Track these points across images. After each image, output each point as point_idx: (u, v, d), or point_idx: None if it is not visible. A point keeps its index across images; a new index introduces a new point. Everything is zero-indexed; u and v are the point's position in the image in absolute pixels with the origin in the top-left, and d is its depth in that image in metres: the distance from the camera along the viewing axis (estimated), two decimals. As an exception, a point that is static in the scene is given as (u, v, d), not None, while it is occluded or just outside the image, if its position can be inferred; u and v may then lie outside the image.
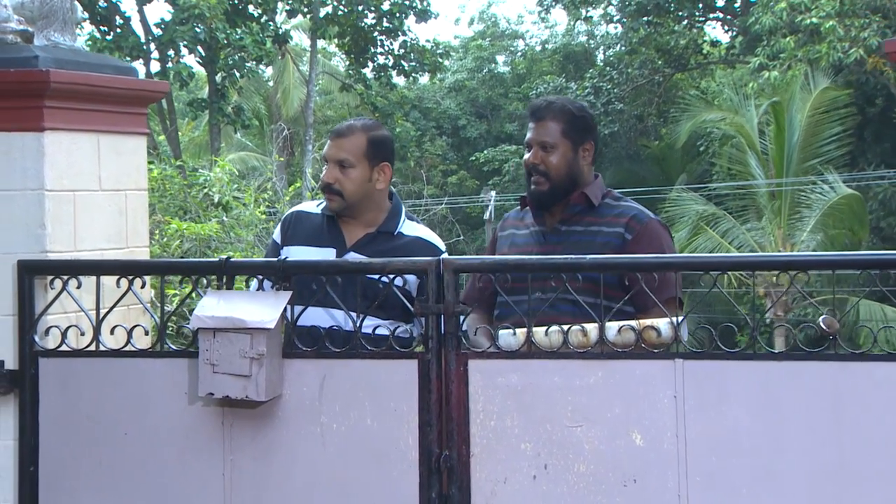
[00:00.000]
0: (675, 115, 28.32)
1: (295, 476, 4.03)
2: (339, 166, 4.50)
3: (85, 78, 4.38)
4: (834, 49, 21.49)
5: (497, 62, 36.76)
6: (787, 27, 22.74)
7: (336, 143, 4.53)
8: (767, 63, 23.16)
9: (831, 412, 3.68)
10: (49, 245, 4.26)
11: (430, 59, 29.33)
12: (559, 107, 4.50)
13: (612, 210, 4.44)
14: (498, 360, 3.89)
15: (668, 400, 3.75)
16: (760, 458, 3.71)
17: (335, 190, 4.50)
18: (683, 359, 3.76)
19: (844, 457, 3.67)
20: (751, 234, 21.93)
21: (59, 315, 4.27)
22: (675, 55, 29.54)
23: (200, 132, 31.29)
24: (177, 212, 12.55)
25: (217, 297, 4.07)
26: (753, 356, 3.78)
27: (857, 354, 3.73)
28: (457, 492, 3.88)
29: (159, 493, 4.14)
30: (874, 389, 3.65)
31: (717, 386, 3.74)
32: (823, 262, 4.10)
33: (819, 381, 3.69)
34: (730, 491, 3.72)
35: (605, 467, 3.78)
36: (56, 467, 4.23)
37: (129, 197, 4.61)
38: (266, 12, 26.18)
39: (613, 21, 32.56)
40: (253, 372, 3.94)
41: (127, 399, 4.17)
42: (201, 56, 25.95)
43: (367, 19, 28.55)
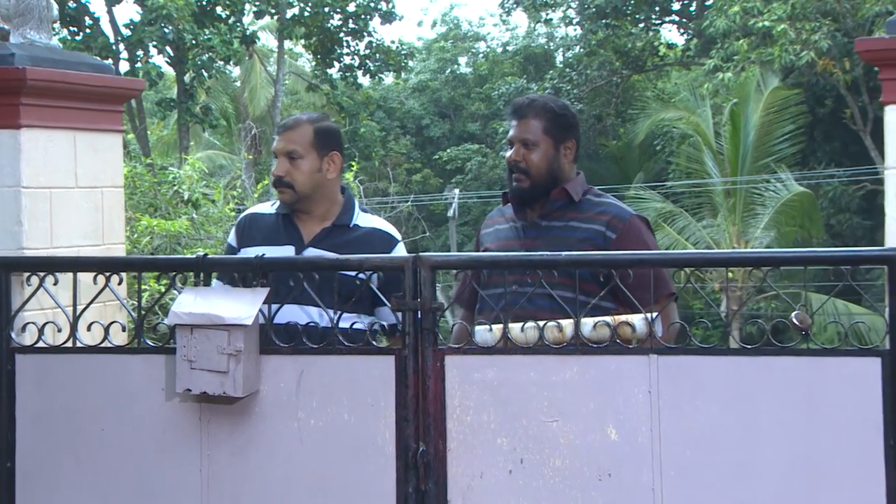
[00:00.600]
0: (632, 115, 28.44)
1: (272, 471, 3.97)
2: (288, 159, 4.39)
3: (61, 75, 4.33)
4: (786, 52, 21.60)
5: (459, 63, 36.75)
6: (740, 30, 22.84)
7: (284, 136, 4.43)
8: (721, 65, 23.26)
9: (803, 406, 3.65)
10: (26, 242, 4.21)
11: (394, 59, 29.31)
12: (541, 105, 4.44)
13: (594, 207, 4.37)
14: (474, 356, 3.84)
15: (642, 395, 3.72)
16: (733, 452, 3.68)
17: (286, 182, 4.38)
18: (658, 354, 3.73)
19: (816, 450, 3.64)
20: (706, 230, 22.02)
21: (35, 311, 4.21)
22: (632, 57, 29.63)
23: (169, 131, 31.11)
24: (147, 209, 12.46)
25: (194, 294, 4.01)
26: (727, 351, 3.76)
27: (828, 349, 3.71)
28: (433, 486, 3.83)
29: (137, 488, 4.07)
30: (845, 384, 3.63)
31: (690, 381, 3.70)
32: (796, 259, 4.06)
33: (791, 376, 3.66)
34: (703, 485, 3.69)
35: (580, 461, 3.74)
36: (33, 463, 4.16)
37: (106, 194, 4.56)
38: (234, 13, 26.04)
39: (572, 23, 32.63)
40: (230, 368, 3.88)
41: (104, 395, 4.10)
42: (170, 56, 25.82)
43: (333, 20, 28.50)
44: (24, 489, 4.15)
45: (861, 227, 24.43)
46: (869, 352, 3.67)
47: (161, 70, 26.16)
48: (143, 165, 13.98)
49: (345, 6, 28.25)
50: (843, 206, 24.34)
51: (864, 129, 23.67)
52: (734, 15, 22.47)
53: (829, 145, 25.90)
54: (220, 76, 29.46)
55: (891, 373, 3.61)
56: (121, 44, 25.45)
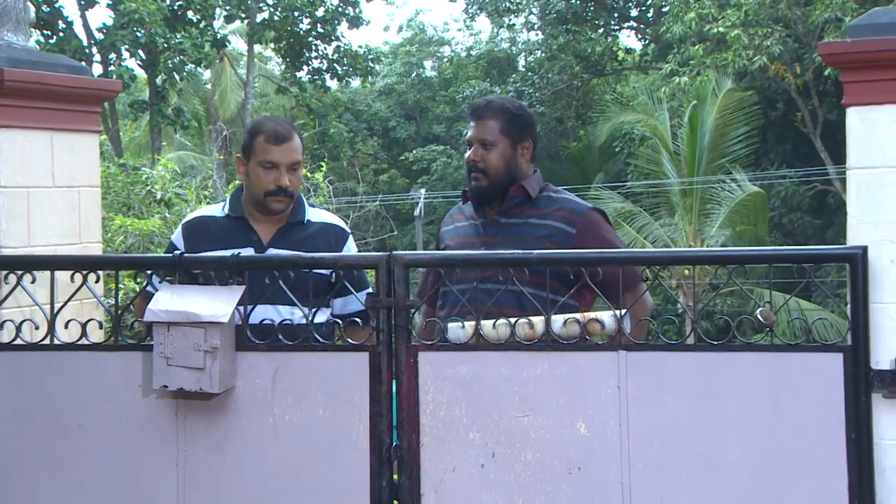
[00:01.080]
0: (592, 118, 28.52)
1: (248, 466, 3.93)
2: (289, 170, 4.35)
3: (38, 76, 4.28)
4: (739, 56, 21.71)
5: (425, 67, 36.73)
6: (695, 36, 22.95)
7: (286, 146, 4.35)
8: (678, 69, 23.38)
9: (768, 400, 3.65)
10: (3, 240, 4.17)
11: (361, 63, 29.31)
12: (498, 106, 4.43)
13: (552, 203, 4.37)
14: (447, 353, 3.82)
15: (611, 390, 3.71)
16: (700, 446, 3.67)
17: (290, 192, 4.34)
18: (626, 350, 3.72)
19: (781, 443, 3.64)
20: (664, 229, 22.08)
21: (13, 309, 4.17)
22: (592, 61, 29.72)
23: (141, 132, 30.94)
24: (120, 208, 12.39)
25: (171, 292, 3.96)
26: (693, 347, 3.74)
27: (792, 345, 3.71)
28: (407, 480, 3.80)
29: (114, 484, 4.02)
30: (808, 378, 3.63)
31: (658, 376, 3.70)
32: (762, 257, 4.06)
33: (756, 371, 3.66)
34: (671, 477, 3.68)
35: (550, 455, 3.73)
36: (11, 459, 4.09)
37: (82, 193, 4.52)
38: (205, 17, 25.95)
39: (534, 29, 32.66)
40: (206, 364, 3.84)
41: (81, 392, 4.05)
42: (142, 59, 25.71)
43: (301, 25, 28.46)
44: (3, 483, 4.09)
45: (811, 225, 24.58)
46: (831, 347, 3.67)
47: (133, 73, 26.01)
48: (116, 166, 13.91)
49: (313, 11, 28.23)
50: (795, 206, 24.48)
51: (813, 132, 23.81)
52: (690, 21, 22.58)
53: (780, 147, 26.04)
54: (192, 79, 29.33)
55: (852, 368, 3.61)
56: (94, 47, 25.32)
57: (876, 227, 3.73)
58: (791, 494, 3.64)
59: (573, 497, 3.71)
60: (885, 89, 3.74)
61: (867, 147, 3.76)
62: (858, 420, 3.62)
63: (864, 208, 3.75)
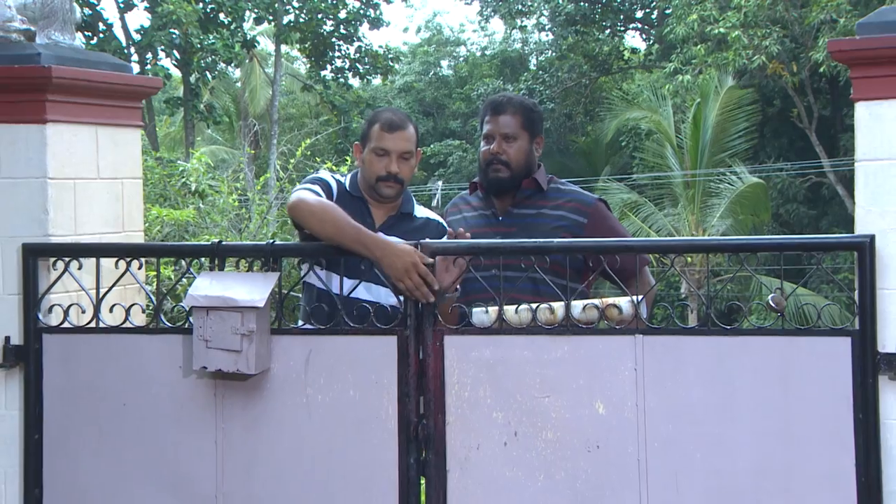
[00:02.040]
0: (599, 114, 28.40)
1: (282, 443, 3.91)
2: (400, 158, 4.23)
3: (84, 74, 4.25)
4: (739, 56, 21.61)
5: (442, 66, 36.65)
6: (697, 36, 22.83)
7: (398, 134, 4.24)
8: (681, 68, 23.28)
9: (778, 382, 3.61)
10: (51, 229, 4.12)
11: (382, 62, 29.24)
12: (518, 102, 4.43)
13: (561, 195, 4.38)
14: (471, 336, 3.80)
15: (628, 372, 3.68)
16: (713, 425, 3.64)
17: (400, 179, 4.22)
18: (643, 334, 3.69)
19: (790, 423, 3.61)
20: (668, 219, 22.02)
21: (61, 294, 4.13)
22: (599, 61, 29.64)
23: (176, 128, 30.93)
24: (157, 199, 12.39)
25: (210, 278, 3.94)
26: (707, 331, 3.69)
27: (802, 329, 3.67)
28: (433, 457, 3.78)
29: (156, 459, 4.01)
30: (817, 361, 3.59)
31: (673, 359, 3.66)
32: (772, 245, 4.02)
33: (767, 354, 3.62)
34: (685, 455, 3.65)
35: (570, 434, 3.70)
36: (59, 436, 4.08)
37: (125, 184, 4.49)
38: (235, 20, 25.92)
39: (545, 30, 32.56)
40: (243, 347, 3.81)
41: (125, 372, 4.03)
42: (177, 59, 25.72)
43: (325, 26, 28.41)
44: (51, 459, 4.08)
45: (807, 215, 24.48)
46: (840, 332, 3.62)
47: (168, 72, 26.05)
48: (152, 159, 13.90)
49: (336, 13, 28.18)
50: (791, 197, 24.37)
51: (809, 127, 23.69)
52: (692, 22, 22.47)
53: (777, 141, 25.93)
54: (223, 77, 29.35)
55: (860, 351, 3.57)
56: (132, 47, 25.31)
57: (882, 217, 3.68)
58: (800, 472, 3.60)
59: (592, 473, 3.69)
60: (891, 85, 3.69)
61: (875, 140, 3.71)
62: (865, 401, 3.57)
63: (871, 198, 3.70)
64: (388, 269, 3.81)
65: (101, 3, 24.99)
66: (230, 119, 30.81)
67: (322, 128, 30.84)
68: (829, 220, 24.00)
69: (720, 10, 22.17)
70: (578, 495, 3.69)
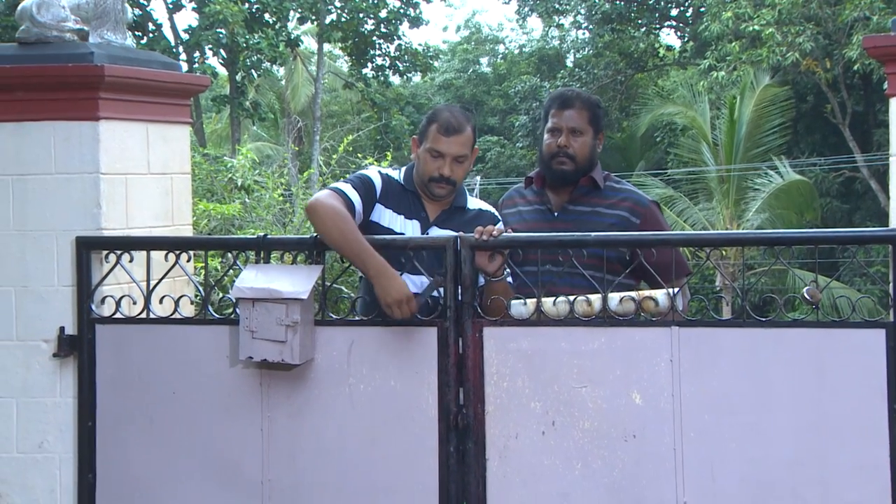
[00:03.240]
0: (635, 110, 28.26)
1: (326, 431, 3.92)
2: (455, 161, 4.13)
3: (135, 72, 4.27)
4: (773, 53, 21.42)
5: (481, 63, 36.56)
6: (732, 34, 22.65)
7: (454, 139, 4.13)
8: (715, 65, 23.09)
9: (813, 374, 3.58)
10: (104, 223, 4.14)
11: (421, 60, 29.21)
12: (586, 97, 4.35)
13: (616, 194, 4.29)
14: (510, 328, 3.78)
15: (664, 363, 3.65)
16: (748, 416, 3.61)
17: (452, 181, 4.12)
18: (679, 326, 3.66)
19: (825, 414, 3.58)
20: (702, 213, 21.87)
21: (113, 286, 4.16)
22: (634, 58, 29.45)
23: (222, 125, 31.07)
24: (204, 194, 12.45)
25: (255, 271, 3.95)
26: (743, 323, 3.66)
27: (837, 322, 3.65)
28: (473, 446, 3.77)
29: (204, 446, 4.03)
30: (851, 353, 3.56)
31: (709, 350, 3.64)
32: (808, 239, 3.99)
33: (802, 346, 3.59)
34: (720, 445, 3.62)
35: (607, 424, 3.68)
36: (111, 422, 4.11)
37: (175, 180, 4.51)
38: (280, 19, 25.98)
39: (582, 28, 32.41)
40: (288, 338, 3.83)
41: (175, 362, 4.06)
42: (223, 58, 25.83)
43: (366, 25, 28.40)
44: (104, 445, 4.11)
45: (840, 210, 24.26)
46: (875, 324, 3.60)
47: (215, 70, 26.17)
48: (200, 155, 13.96)
49: (377, 12, 28.17)
50: (824, 192, 24.14)
51: (842, 123, 23.47)
52: (727, 20, 22.29)
53: (810, 137, 25.71)
54: (267, 75, 29.44)
55: (894, 343, 3.53)
56: (180, 46, 25.44)
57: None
58: (834, 463, 3.57)
59: (628, 462, 3.67)
60: (925, 80, 3.66)
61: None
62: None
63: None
64: (379, 292, 3.80)
65: (150, 4, 25.13)
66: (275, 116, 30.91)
67: (363, 124, 30.88)
68: (862, 215, 23.77)
69: (755, 7, 21.98)
70: (615, 484, 3.68)
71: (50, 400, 4.14)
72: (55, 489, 4.14)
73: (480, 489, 3.77)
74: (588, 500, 3.70)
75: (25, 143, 4.16)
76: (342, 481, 3.90)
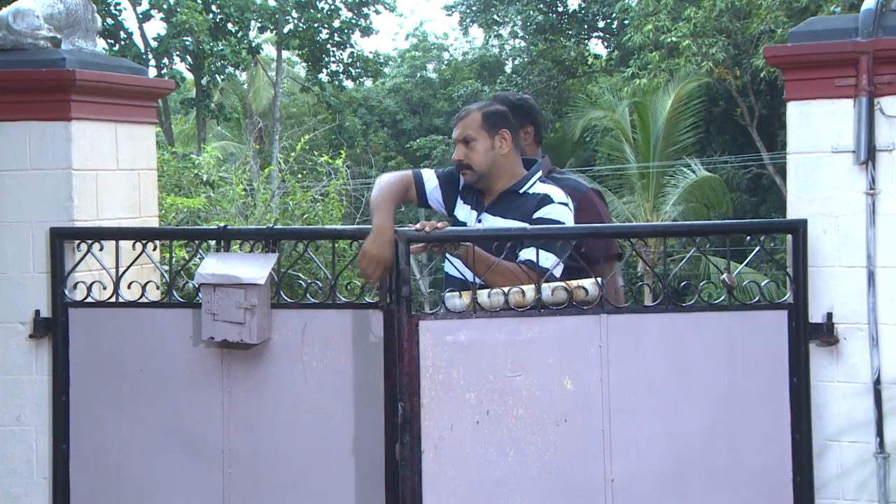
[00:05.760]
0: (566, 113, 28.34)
1: (282, 405, 3.88)
2: (464, 144, 3.92)
3: (104, 76, 4.22)
4: (689, 62, 21.58)
5: (427, 69, 36.40)
6: (652, 44, 22.79)
7: (458, 125, 3.96)
8: (638, 72, 23.23)
9: (726, 352, 3.61)
10: (76, 215, 4.11)
11: (372, 66, 29.14)
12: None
13: (556, 183, 4.07)
14: (446, 321, 3.59)
15: (594, 349, 3.57)
16: (669, 394, 3.59)
17: (465, 165, 3.92)
18: (608, 314, 3.59)
19: (735, 388, 3.61)
20: (626, 206, 22.00)
21: (84, 273, 4.12)
22: (566, 65, 29.53)
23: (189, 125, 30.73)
24: (172, 189, 12.34)
25: (216, 258, 3.93)
26: (664, 309, 3.64)
27: (746, 305, 3.67)
28: (409, 439, 3.55)
29: (169, 420, 3.99)
30: (758, 332, 3.60)
31: (635, 335, 3.59)
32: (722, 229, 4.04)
33: (717, 327, 3.60)
34: (644, 423, 3.59)
35: (540, 410, 3.55)
36: (83, 398, 4.07)
37: (142, 175, 4.47)
38: (242, 28, 25.80)
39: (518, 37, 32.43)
40: (246, 319, 3.80)
41: (142, 342, 4.02)
42: (190, 63, 25.59)
43: (321, 35, 28.26)
44: (77, 418, 4.07)
45: (749, 202, 24.52)
46: (778, 306, 3.63)
47: (182, 75, 25.91)
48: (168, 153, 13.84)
49: (331, 23, 28.08)
50: (734, 187, 24.37)
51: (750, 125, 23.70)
52: (648, 32, 22.42)
53: (721, 137, 25.94)
54: (231, 80, 29.20)
55: (794, 322, 3.58)
56: (150, 53, 25.15)
57: (811, 203, 3.71)
58: (743, 432, 3.60)
59: (560, 446, 3.56)
60: (818, 86, 3.71)
61: (804, 135, 3.74)
62: (799, 366, 3.58)
63: (801, 187, 3.73)
64: (365, 243, 3.69)
65: (122, 15, 24.79)
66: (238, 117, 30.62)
67: (319, 125, 30.70)
68: (768, 207, 24.05)
69: (672, 21, 22.14)
70: (547, 467, 3.56)
71: (27, 377, 4.10)
72: (31, 458, 4.10)
73: (416, 482, 3.55)
74: (522, 485, 3.55)
75: (2, 142, 4.12)
76: (298, 449, 3.85)
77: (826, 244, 3.67)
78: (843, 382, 3.66)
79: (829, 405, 3.67)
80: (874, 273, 3.62)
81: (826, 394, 3.67)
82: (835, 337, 3.64)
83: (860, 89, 3.62)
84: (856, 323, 3.65)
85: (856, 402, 3.65)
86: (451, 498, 3.51)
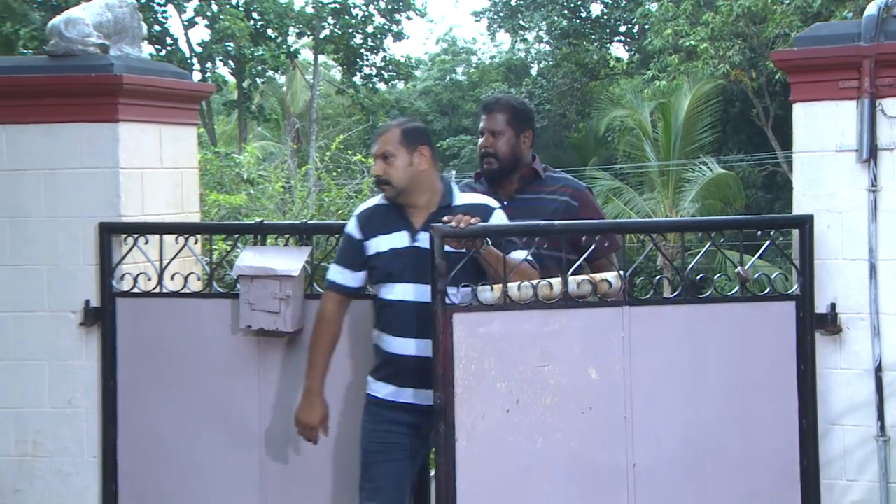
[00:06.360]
0: (589, 113, 28.26)
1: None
2: (383, 159, 3.70)
3: (150, 80, 4.27)
4: (707, 64, 21.47)
5: (456, 72, 36.38)
6: (672, 48, 22.69)
7: (378, 140, 3.76)
8: (658, 75, 23.14)
9: (738, 341, 3.59)
10: (123, 210, 4.16)
11: (404, 70, 29.15)
12: (505, 101, 4.13)
13: (556, 182, 4.12)
14: (478, 313, 3.48)
15: (617, 340, 3.53)
16: (686, 381, 3.58)
17: (384, 180, 3.70)
18: (630, 305, 3.55)
19: (746, 376, 3.60)
20: (646, 202, 21.90)
21: (130, 265, 4.17)
22: (589, 68, 29.44)
23: (231, 126, 30.90)
24: (215, 186, 12.41)
25: (253, 252, 3.98)
26: (683, 301, 3.62)
27: (757, 296, 3.65)
28: (443, 427, 3.46)
29: (209, 402, 4.05)
30: (769, 322, 3.59)
31: (655, 326, 3.56)
32: (734, 224, 4.06)
33: (730, 318, 3.59)
34: (663, 409, 3.57)
35: (566, 398, 3.50)
36: (130, 383, 4.13)
37: (184, 173, 4.52)
38: (281, 34, 25.84)
39: (543, 42, 32.36)
40: (281, 309, 3.85)
41: (184, 330, 4.07)
42: (232, 68, 25.70)
43: (356, 40, 28.31)
44: (124, 401, 4.13)
45: (764, 199, 24.35)
46: (786, 297, 3.62)
47: (225, 78, 26.03)
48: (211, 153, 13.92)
49: (365, 28, 28.10)
50: (750, 184, 24.22)
51: (766, 125, 23.53)
52: (667, 36, 22.32)
53: (738, 137, 25.77)
54: (270, 83, 29.29)
55: (801, 312, 3.58)
56: (194, 58, 25.29)
57: (816, 199, 3.71)
58: (754, 418, 3.60)
59: (585, 433, 3.52)
60: (823, 88, 3.72)
61: (809, 135, 3.74)
62: (806, 354, 3.58)
63: (806, 184, 3.73)
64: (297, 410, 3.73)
65: (168, 22, 24.96)
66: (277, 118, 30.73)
67: (354, 125, 30.76)
68: (783, 203, 23.86)
69: (691, 25, 22.03)
70: (572, 453, 3.51)
71: (77, 363, 4.16)
72: (82, 439, 4.16)
73: (450, 469, 3.46)
74: (549, 470, 3.51)
75: (55, 143, 4.17)
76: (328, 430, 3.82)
77: (830, 238, 3.67)
78: (846, 369, 3.67)
79: (832, 390, 3.67)
80: (875, 266, 3.62)
81: (829, 380, 3.67)
82: (838, 326, 3.64)
83: (863, 91, 3.62)
84: (858, 313, 3.65)
85: (857, 387, 3.65)
86: (483, 483, 3.47)
